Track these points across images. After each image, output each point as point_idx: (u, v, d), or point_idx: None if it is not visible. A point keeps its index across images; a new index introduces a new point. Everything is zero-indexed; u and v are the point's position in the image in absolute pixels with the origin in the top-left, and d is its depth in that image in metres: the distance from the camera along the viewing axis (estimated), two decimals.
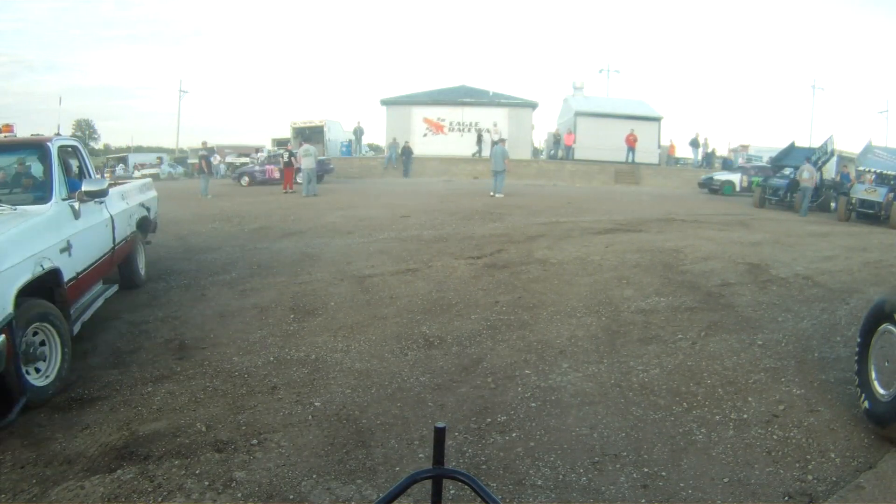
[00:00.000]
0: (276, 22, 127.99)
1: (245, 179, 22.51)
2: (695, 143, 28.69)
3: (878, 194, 13.99)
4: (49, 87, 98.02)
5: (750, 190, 21.12)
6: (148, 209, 7.03)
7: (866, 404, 3.36)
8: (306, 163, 16.90)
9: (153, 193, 7.60)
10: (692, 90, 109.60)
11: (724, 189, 21.91)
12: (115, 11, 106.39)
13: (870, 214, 14.00)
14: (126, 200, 6.12)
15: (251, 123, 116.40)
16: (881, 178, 14.72)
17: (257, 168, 23.24)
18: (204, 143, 21.79)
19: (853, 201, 14.42)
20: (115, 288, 5.47)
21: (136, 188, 6.93)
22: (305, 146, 17.83)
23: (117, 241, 5.53)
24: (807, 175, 15.68)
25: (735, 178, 22.38)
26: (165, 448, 3.15)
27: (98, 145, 70.44)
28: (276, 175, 21.15)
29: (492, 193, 16.24)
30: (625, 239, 9.37)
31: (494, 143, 18.39)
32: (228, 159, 30.52)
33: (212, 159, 22.69)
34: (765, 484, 2.86)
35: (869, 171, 15.24)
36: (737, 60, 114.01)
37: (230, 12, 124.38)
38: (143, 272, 6.68)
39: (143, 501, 2.71)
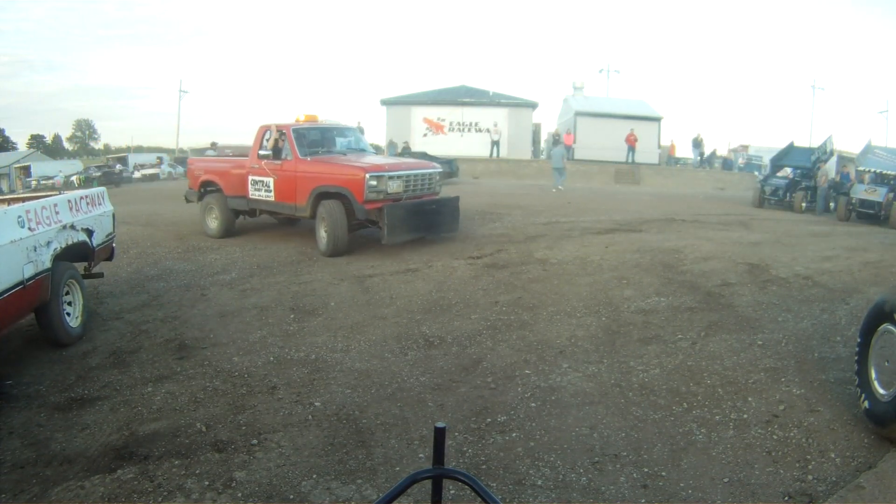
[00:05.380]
0: (277, 22, 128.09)
1: None
2: (696, 144, 28.70)
3: (878, 194, 14.00)
4: (49, 87, 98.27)
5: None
6: (90, 231, 5.22)
7: (866, 404, 3.36)
8: None
9: (105, 209, 5.71)
10: (692, 90, 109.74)
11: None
12: (116, 11, 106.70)
13: (870, 214, 14.00)
14: (30, 226, 4.29)
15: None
16: (881, 178, 14.72)
17: None
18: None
19: (853, 201, 14.43)
20: None
21: (62, 204, 4.88)
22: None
23: None
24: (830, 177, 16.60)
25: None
26: (165, 448, 3.16)
27: (98, 145, 70.75)
28: None
29: (555, 185, 18.61)
30: (625, 239, 9.37)
31: (555, 144, 21.84)
32: None
33: None
34: (765, 484, 2.86)
35: (868, 171, 15.24)
36: (736, 60, 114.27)
37: (231, 12, 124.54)
38: (77, 322, 4.89)
39: (143, 501, 2.71)
